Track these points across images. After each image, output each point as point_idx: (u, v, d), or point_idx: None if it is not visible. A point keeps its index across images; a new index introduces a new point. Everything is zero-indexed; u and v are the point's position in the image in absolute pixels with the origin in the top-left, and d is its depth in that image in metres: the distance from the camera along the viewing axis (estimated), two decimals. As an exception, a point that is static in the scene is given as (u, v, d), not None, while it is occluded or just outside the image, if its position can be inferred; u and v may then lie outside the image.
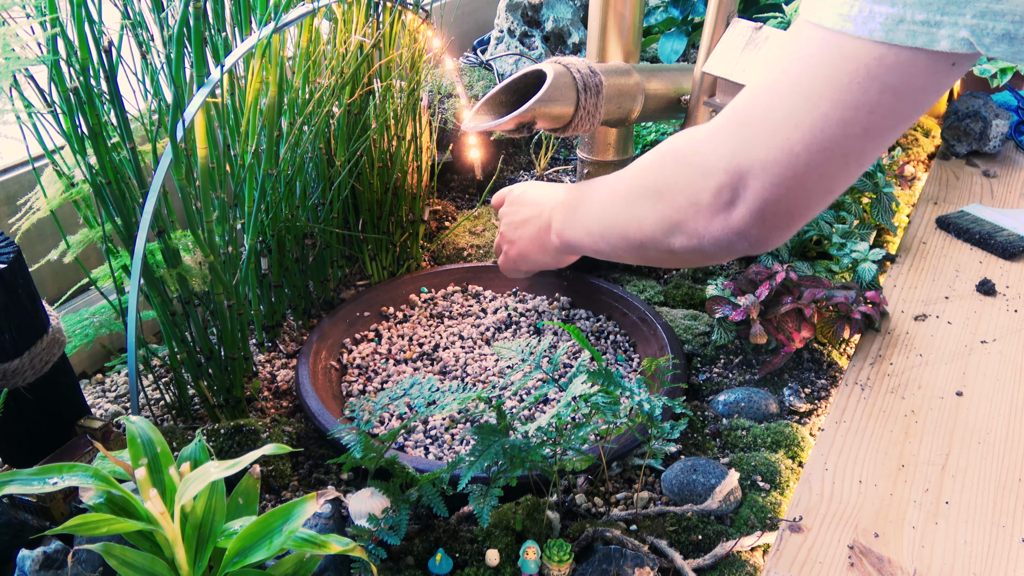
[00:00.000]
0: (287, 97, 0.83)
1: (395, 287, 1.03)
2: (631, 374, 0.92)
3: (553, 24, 1.39)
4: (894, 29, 0.46)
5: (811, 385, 0.89)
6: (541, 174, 1.21)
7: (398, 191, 1.01)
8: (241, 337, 0.84)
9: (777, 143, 0.52)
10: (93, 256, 0.93)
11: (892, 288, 1.05)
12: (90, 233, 0.76)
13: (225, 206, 0.77)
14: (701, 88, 0.96)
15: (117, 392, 0.90)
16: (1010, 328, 0.97)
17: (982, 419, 0.83)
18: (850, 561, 0.68)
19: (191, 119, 0.68)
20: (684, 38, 1.38)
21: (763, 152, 0.53)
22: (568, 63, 0.90)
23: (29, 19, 0.63)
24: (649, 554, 0.65)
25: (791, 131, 0.51)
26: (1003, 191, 1.29)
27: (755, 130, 0.54)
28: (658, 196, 0.63)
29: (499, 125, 0.86)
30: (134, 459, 0.54)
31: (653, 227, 0.64)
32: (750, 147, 0.54)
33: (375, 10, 0.89)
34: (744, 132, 0.54)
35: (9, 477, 0.52)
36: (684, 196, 0.59)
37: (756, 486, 0.75)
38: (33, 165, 0.75)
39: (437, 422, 0.84)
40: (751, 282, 0.93)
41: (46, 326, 0.67)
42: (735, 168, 0.55)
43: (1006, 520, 0.72)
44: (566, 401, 0.64)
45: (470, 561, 0.66)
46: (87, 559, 0.55)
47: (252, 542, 0.52)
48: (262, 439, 0.76)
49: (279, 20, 0.73)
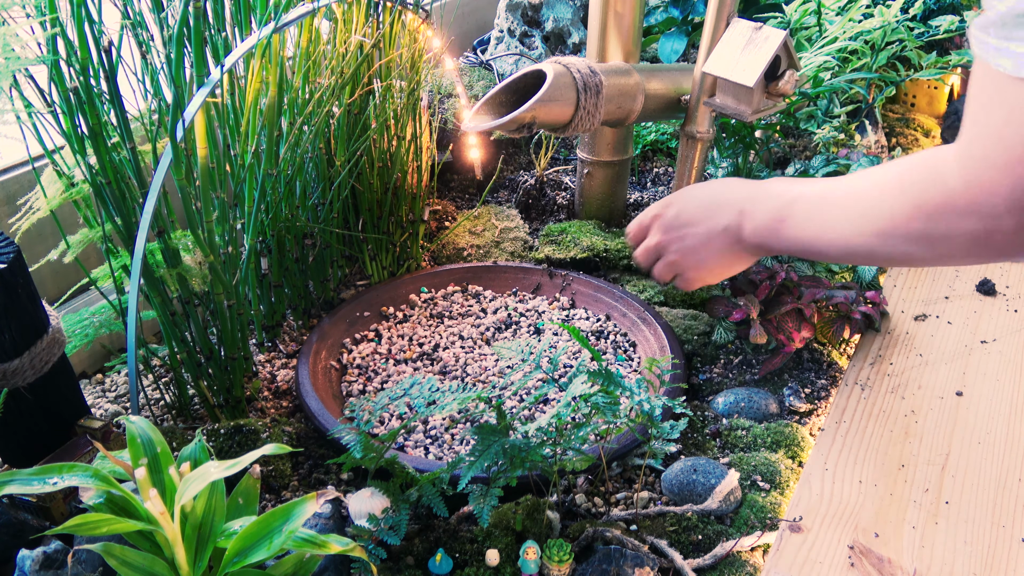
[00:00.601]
0: (287, 97, 0.83)
1: (395, 287, 1.03)
2: (631, 374, 0.92)
3: (553, 24, 1.39)
4: None
5: (811, 385, 0.89)
6: (541, 174, 1.22)
7: (398, 191, 1.01)
8: (241, 337, 0.84)
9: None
10: (93, 256, 0.93)
11: (892, 288, 1.05)
12: (90, 233, 0.76)
13: (225, 206, 0.77)
14: (701, 88, 0.96)
15: (117, 392, 0.90)
16: (1010, 328, 0.97)
17: (982, 419, 0.83)
18: (850, 561, 0.68)
19: (191, 119, 0.68)
20: (684, 38, 1.38)
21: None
22: (568, 63, 0.90)
23: (29, 19, 0.63)
24: (649, 554, 0.65)
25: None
26: (1003, 191, 1.29)
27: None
28: (932, 244, 0.69)
29: (499, 125, 0.86)
30: (134, 459, 0.54)
31: (930, 261, 0.72)
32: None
33: (375, 10, 0.89)
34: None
35: (9, 477, 0.52)
36: (974, 247, 0.67)
37: (756, 486, 0.75)
38: (33, 165, 0.75)
39: (437, 422, 0.84)
40: (751, 282, 0.93)
41: (46, 326, 0.67)
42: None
43: (1006, 520, 0.72)
44: (566, 401, 0.64)
45: (470, 561, 0.66)
46: (87, 559, 0.55)
47: (252, 542, 0.52)
48: (262, 439, 0.76)
49: (279, 20, 0.73)
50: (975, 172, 0.63)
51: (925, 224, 0.69)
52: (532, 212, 1.21)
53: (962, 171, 0.64)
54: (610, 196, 1.14)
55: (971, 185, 0.64)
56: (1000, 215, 0.63)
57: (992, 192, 0.62)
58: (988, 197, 0.63)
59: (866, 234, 0.73)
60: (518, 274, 1.06)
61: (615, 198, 1.15)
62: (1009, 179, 0.61)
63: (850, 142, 1.20)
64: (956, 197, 0.65)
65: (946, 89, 1.51)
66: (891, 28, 1.17)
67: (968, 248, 0.67)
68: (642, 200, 1.24)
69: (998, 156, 0.61)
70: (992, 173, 0.62)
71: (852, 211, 0.75)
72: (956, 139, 0.64)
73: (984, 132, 0.61)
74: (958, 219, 0.66)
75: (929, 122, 1.48)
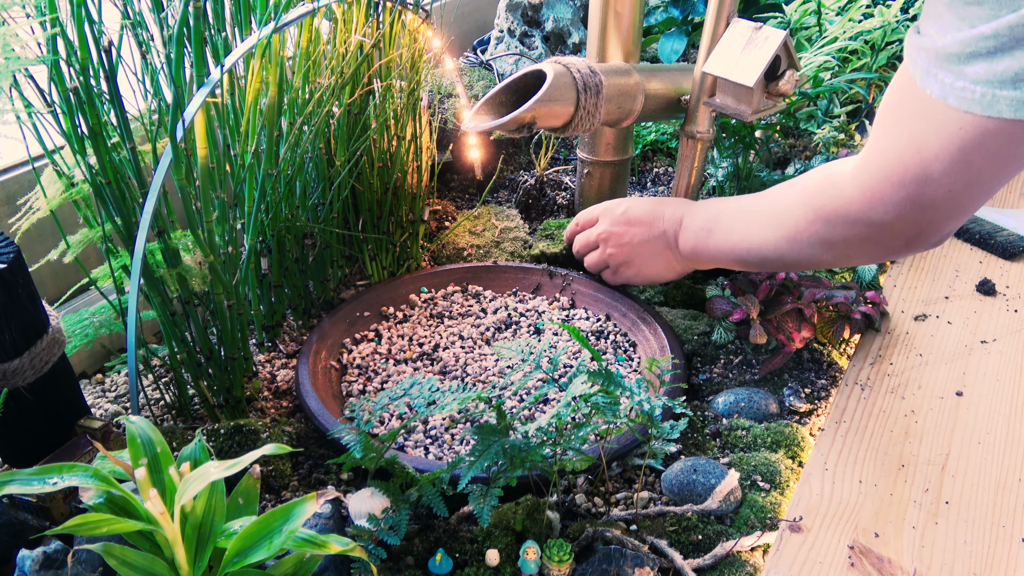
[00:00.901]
0: (287, 97, 0.83)
1: (395, 287, 1.03)
2: (631, 374, 0.92)
3: (553, 24, 1.39)
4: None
5: (811, 385, 0.89)
6: (541, 174, 1.22)
7: (398, 191, 1.01)
8: (241, 337, 0.84)
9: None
10: (93, 256, 0.93)
11: (892, 288, 1.05)
12: (90, 233, 0.76)
13: (225, 206, 0.77)
14: (701, 88, 0.96)
15: (117, 392, 0.90)
16: (1010, 328, 0.97)
17: (982, 419, 0.83)
18: (850, 561, 0.68)
19: (191, 119, 0.68)
20: (684, 38, 1.38)
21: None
22: (568, 63, 0.90)
23: (29, 19, 0.63)
24: (649, 554, 0.65)
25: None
26: (1003, 191, 1.29)
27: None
28: (831, 247, 0.75)
29: (499, 125, 0.86)
30: (134, 459, 0.54)
31: (831, 263, 0.78)
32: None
33: (375, 10, 0.89)
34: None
35: (9, 477, 0.52)
36: (867, 248, 0.73)
37: (756, 486, 0.75)
38: (33, 165, 0.75)
39: (437, 422, 0.84)
40: (751, 282, 0.93)
41: (46, 326, 0.67)
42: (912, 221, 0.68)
43: (1006, 520, 0.72)
44: (566, 401, 0.64)
45: (470, 561, 0.66)
46: (87, 559, 0.55)
47: (252, 542, 0.52)
48: (262, 439, 0.76)
49: (279, 20, 0.73)
50: (870, 184, 0.70)
51: (824, 228, 0.75)
52: (532, 212, 1.21)
53: (858, 182, 0.70)
54: (610, 196, 1.14)
55: (865, 195, 0.69)
56: (890, 223, 0.68)
57: (884, 202, 0.68)
58: (881, 207, 0.68)
59: (777, 239, 0.80)
60: (518, 274, 1.06)
61: (615, 198, 1.15)
62: (900, 193, 0.66)
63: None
64: (851, 205, 0.71)
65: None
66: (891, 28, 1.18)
67: (862, 249, 0.73)
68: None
69: (895, 172, 0.66)
70: (885, 186, 0.68)
71: (766, 220, 0.82)
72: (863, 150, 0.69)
73: (887, 147, 0.67)
74: (852, 225, 0.72)
75: (929, 122, 1.48)
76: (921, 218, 0.67)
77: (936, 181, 0.63)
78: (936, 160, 0.62)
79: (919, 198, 0.65)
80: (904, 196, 0.66)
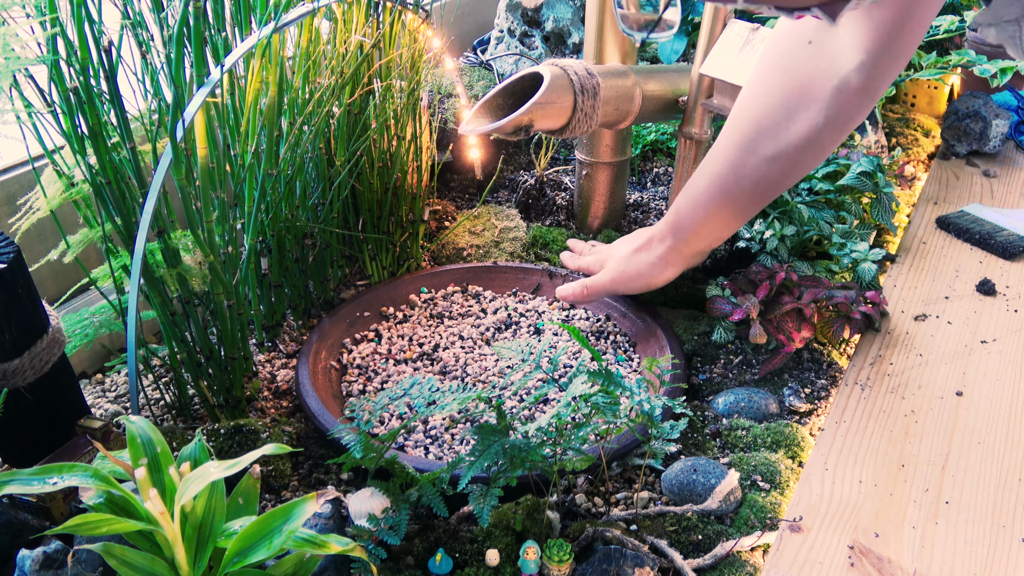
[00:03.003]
0: (287, 97, 0.83)
1: (395, 287, 1.03)
2: (631, 374, 0.92)
3: (553, 24, 1.39)
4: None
5: (811, 385, 0.89)
6: (541, 174, 1.22)
7: (398, 191, 1.01)
8: (241, 337, 0.84)
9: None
10: (93, 256, 0.93)
11: (892, 288, 1.05)
12: (90, 233, 0.76)
13: (225, 206, 0.77)
14: (699, 89, 0.96)
15: (117, 392, 0.90)
16: (1010, 328, 0.97)
17: (982, 419, 0.83)
18: (850, 561, 0.68)
19: (191, 119, 0.68)
20: (684, 38, 1.38)
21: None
22: (565, 65, 0.90)
23: (29, 19, 0.63)
24: (649, 554, 0.65)
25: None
26: (1003, 191, 1.29)
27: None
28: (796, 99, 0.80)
29: (497, 128, 0.86)
30: (134, 459, 0.54)
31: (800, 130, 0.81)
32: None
33: (375, 10, 0.90)
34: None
35: (9, 477, 0.52)
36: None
37: (756, 486, 0.75)
38: (33, 165, 0.75)
39: (437, 422, 0.84)
40: (751, 282, 0.93)
41: (46, 326, 0.67)
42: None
43: (1006, 520, 0.72)
44: (566, 401, 0.64)
45: (470, 561, 0.66)
46: (87, 559, 0.55)
47: (252, 542, 0.52)
48: (262, 439, 0.76)
49: (279, 20, 0.73)
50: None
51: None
52: (532, 212, 1.21)
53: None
54: (609, 196, 1.14)
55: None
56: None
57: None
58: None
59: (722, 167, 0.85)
60: (518, 274, 1.06)
61: (614, 198, 1.15)
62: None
63: (850, 142, 1.20)
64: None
65: (946, 89, 1.51)
66: (891, 28, 1.17)
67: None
68: (642, 200, 1.24)
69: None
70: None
71: (705, 167, 0.88)
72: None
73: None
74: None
75: (929, 122, 1.48)
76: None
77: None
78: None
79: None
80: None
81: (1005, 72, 1.24)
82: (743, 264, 1.07)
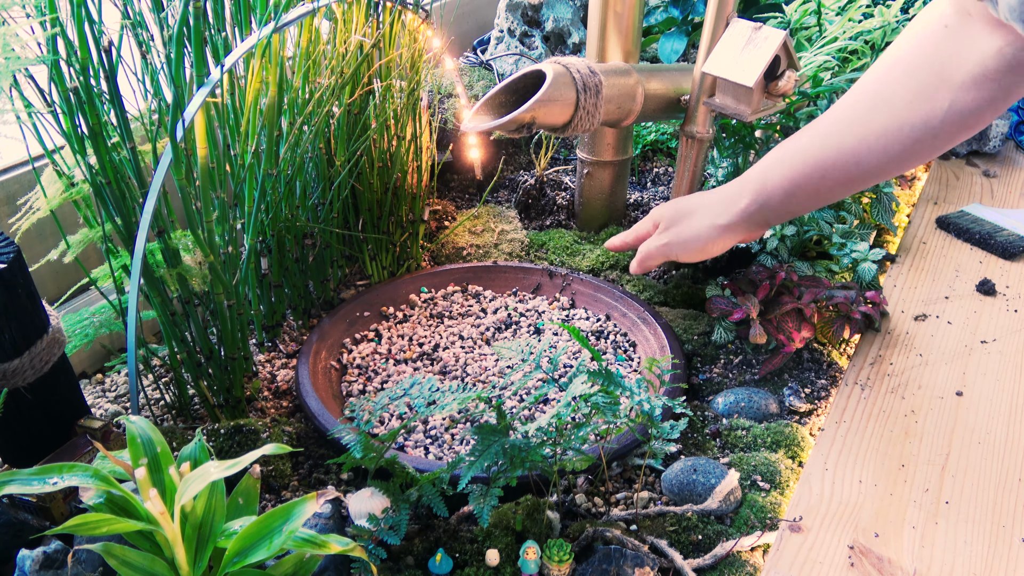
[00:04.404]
0: (287, 97, 0.83)
1: (395, 287, 1.03)
2: (631, 374, 0.92)
3: (553, 24, 1.39)
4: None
5: (811, 385, 0.89)
6: (541, 174, 1.22)
7: (398, 191, 1.01)
8: (241, 337, 0.84)
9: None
10: (93, 256, 0.93)
11: (892, 288, 1.05)
12: (90, 233, 0.76)
13: (225, 206, 0.77)
14: (701, 88, 0.96)
15: (117, 392, 0.90)
16: (1010, 328, 0.97)
17: (982, 419, 0.83)
18: (850, 561, 0.68)
19: (191, 119, 0.68)
20: (684, 38, 1.38)
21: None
22: (567, 63, 0.90)
23: (29, 19, 0.63)
24: (649, 554, 0.65)
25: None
26: (1003, 191, 1.29)
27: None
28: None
29: (498, 125, 0.86)
30: (134, 459, 0.54)
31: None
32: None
33: (375, 10, 0.90)
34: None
35: (9, 477, 0.52)
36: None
37: (756, 486, 0.75)
38: (33, 165, 0.75)
39: (437, 422, 0.84)
40: (751, 282, 0.93)
41: (46, 326, 0.67)
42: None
43: (1006, 520, 0.72)
44: (566, 401, 0.64)
45: (470, 561, 0.66)
46: (87, 559, 0.55)
47: (252, 542, 0.52)
48: (262, 439, 0.76)
49: (279, 20, 0.73)
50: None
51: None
52: (532, 212, 1.21)
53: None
54: (610, 196, 1.14)
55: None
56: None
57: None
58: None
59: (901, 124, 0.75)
60: (518, 274, 1.06)
61: (615, 198, 1.15)
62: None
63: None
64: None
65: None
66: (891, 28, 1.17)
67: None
68: (642, 200, 1.24)
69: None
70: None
71: (810, 142, 0.81)
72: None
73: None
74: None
75: (929, 122, 1.48)
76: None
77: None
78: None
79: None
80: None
81: (1005, 72, 1.23)
82: (743, 264, 1.07)
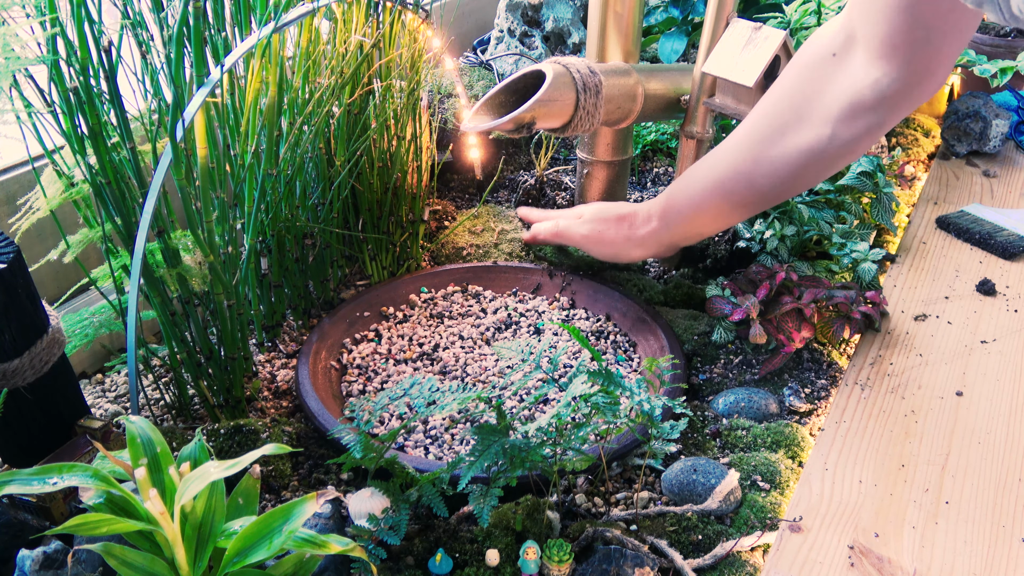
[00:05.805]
0: (287, 97, 0.83)
1: (395, 287, 1.03)
2: (631, 374, 0.92)
3: (553, 24, 1.39)
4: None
5: (811, 385, 0.89)
6: (541, 174, 1.22)
7: (398, 191, 1.01)
8: (241, 337, 0.84)
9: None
10: (93, 256, 0.93)
11: (892, 288, 1.05)
12: (90, 233, 0.76)
13: (225, 206, 0.77)
14: (701, 88, 0.96)
15: (117, 392, 0.90)
16: (1010, 328, 0.97)
17: (982, 419, 0.83)
18: (850, 561, 0.68)
19: (191, 119, 0.68)
20: (684, 38, 1.38)
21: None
22: (567, 63, 0.90)
23: (29, 19, 0.63)
24: (649, 554, 0.65)
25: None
26: (1003, 191, 1.29)
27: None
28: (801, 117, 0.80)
29: (498, 125, 0.86)
30: (134, 459, 0.54)
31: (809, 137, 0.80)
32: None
33: (375, 10, 0.90)
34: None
35: (9, 477, 0.52)
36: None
37: (756, 486, 0.75)
38: (33, 165, 0.75)
39: (437, 422, 0.84)
40: (751, 282, 0.93)
41: (46, 326, 0.67)
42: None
43: (1006, 520, 0.72)
44: (566, 401, 0.64)
45: (470, 561, 0.66)
46: (87, 559, 0.55)
47: (252, 542, 0.52)
48: (262, 439, 0.76)
49: (279, 20, 0.73)
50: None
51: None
52: (532, 212, 1.21)
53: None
54: (610, 196, 1.14)
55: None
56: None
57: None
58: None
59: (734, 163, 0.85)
60: (518, 274, 1.06)
61: (615, 198, 1.15)
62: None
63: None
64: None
65: (946, 89, 1.51)
66: (891, 28, 1.17)
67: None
68: (642, 200, 1.24)
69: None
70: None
71: (708, 163, 0.89)
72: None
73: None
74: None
75: (929, 122, 1.48)
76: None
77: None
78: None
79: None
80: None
81: (1005, 72, 1.24)
82: (743, 264, 1.07)
